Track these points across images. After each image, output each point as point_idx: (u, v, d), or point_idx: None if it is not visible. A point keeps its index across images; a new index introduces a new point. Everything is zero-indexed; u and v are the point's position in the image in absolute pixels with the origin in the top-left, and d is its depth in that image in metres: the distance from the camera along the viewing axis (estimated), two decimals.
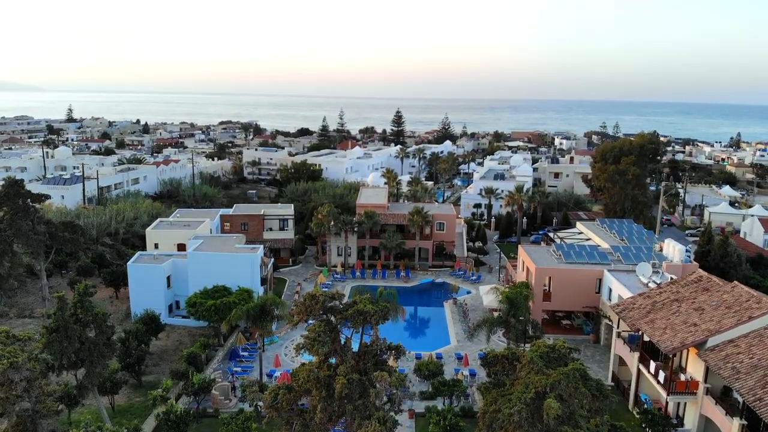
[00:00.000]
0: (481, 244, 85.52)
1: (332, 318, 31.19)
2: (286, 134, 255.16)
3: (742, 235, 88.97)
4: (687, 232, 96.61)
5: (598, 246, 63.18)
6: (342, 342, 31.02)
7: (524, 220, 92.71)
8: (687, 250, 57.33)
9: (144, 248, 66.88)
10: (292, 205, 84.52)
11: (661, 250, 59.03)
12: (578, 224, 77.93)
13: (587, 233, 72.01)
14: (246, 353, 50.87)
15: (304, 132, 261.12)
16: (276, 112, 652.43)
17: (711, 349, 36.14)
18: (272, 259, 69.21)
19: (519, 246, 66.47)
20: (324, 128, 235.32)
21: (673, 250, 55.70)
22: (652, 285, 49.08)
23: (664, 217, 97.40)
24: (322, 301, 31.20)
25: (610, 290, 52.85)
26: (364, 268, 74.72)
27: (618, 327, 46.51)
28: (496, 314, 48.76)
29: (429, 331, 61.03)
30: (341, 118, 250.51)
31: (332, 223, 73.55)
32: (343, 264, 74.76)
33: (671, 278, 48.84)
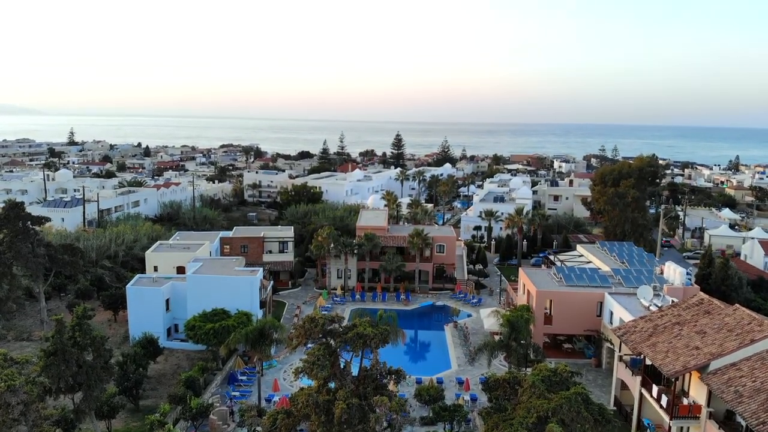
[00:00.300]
0: (481, 267, 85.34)
1: (332, 341, 31.02)
2: (287, 157, 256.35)
3: (742, 257, 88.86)
4: (684, 254, 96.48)
5: (599, 269, 63.03)
6: (341, 366, 30.81)
7: (524, 242, 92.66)
8: (688, 273, 57.18)
9: (143, 271, 66.72)
10: (292, 227, 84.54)
11: (661, 272, 58.85)
12: (578, 247, 77.88)
13: (588, 256, 71.89)
14: (244, 377, 50.42)
15: (304, 155, 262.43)
16: (277, 135, 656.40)
17: (713, 373, 35.82)
18: (271, 282, 68.97)
19: (519, 269, 66.31)
20: (324, 151, 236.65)
21: (674, 273, 55.55)
22: (653, 308, 48.84)
23: (664, 239, 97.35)
24: (322, 324, 31.06)
25: (612, 313, 52.59)
26: (364, 290, 74.45)
27: (620, 351, 46.16)
28: (497, 338, 48.47)
29: (429, 355, 60.56)
30: (341, 141, 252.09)
31: (332, 245, 73.51)
32: (343, 287, 74.51)
33: (672, 301, 48.61)
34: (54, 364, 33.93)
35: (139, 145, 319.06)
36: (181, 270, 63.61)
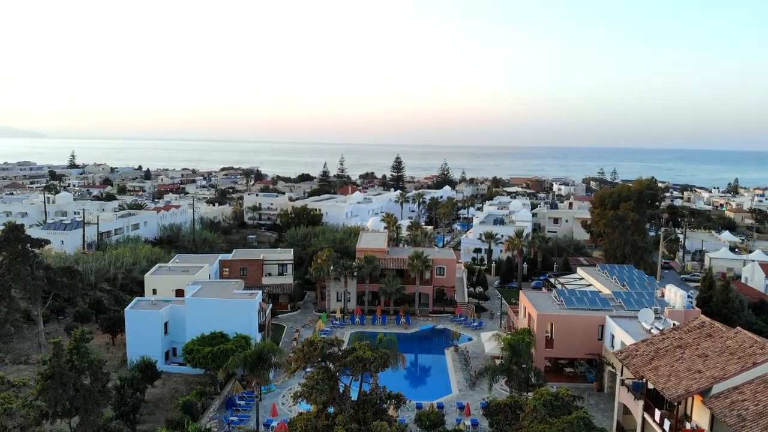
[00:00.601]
0: (482, 290, 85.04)
1: (331, 365, 30.80)
2: (287, 180, 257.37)
3: (743, 280, 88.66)
4: (682, 276, 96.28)
5: (600, 292, 62.83)
6: (341, 390, 30.55)
7: (525, 265, 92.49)
8: (689, 296, 56.98)
9: (142, 294, 66.47)
10: (292, 249, 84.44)
11: (662, 295, 58.66)
12: (579, 270, 77.74)
13: (588, 279, 71.72)
14: (243, 402, 49.91)
15: (304, 177, 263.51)
16: (277, 158, 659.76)
17: (716, 397, 35.50)
18: (270, 305, 68.66)
19: (520, 292, 66.08)
20: (325, 174, 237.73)
21: (675, 295, 55.37)
22: (654, 331, 48.57)
23: (663, 261, 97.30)
24: (321, 347, 30.89)
25: (613, 337, 52.29)
26: (363, 313, 74.09)
27: (621, 374, 45.80)
28: (498, 362, 48.08)
29: (430, 379, 60.03)
30: (342, 164, 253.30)
31: (332, 267, 73.35)
32: (342, 310, 74.16)
33: (674, 324, 48.38)
34: (51, 388, 33.64)
35: (140, 168, 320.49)
36: (180, 293, 63.38)
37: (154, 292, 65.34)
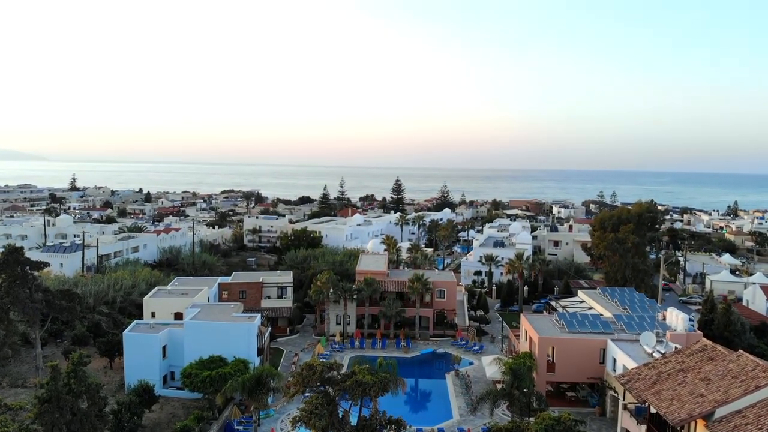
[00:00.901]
0: (482, 313, 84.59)
1: (330, 390, 30.54)
2: (288, 202, 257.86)
3: (744, 303, 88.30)
4: (680, 299, 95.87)
5: (601, 315, 62.53)
6: (340, 415, 30.23)
7: (525, 288, 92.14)
8: (690, 319, 56.70)
9: (141, 317, 66.12)
10: (291, 272, 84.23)
11: (664, 318, 58.37)
12: (580, 293, 77.45)
13: (589, 302, 71.44)
14: (241, 427, 49.28)
15: (305, 200, 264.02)
16: (278, 181, 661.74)
17: (719, 421, 35.13)
18: (269, 329, 68.24)
19: (521, 315, 65.75)
20: (325, 196, 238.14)
21: (677, 318, 55.09)
22: (656, 355, 48.25)
23: (664, 283, 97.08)
24: (320, 371, 30.66)
25: (615, 360, 51.89)
26: (363, 337, 73.59)
27: (624, 399, 45.36)
28: (499, 386, 47.68)
29: (430, 404, 59.39)
30: (342, 187, 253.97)
31: (331, 290, 73.03)
32: (342, 333, 73.68)
33: (676, 348, 48.07)
34: (48, 412, 33.30)
35: (140, 190, 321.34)
36: (178, 316, 63.06)
37: (153, 315, 65.01)
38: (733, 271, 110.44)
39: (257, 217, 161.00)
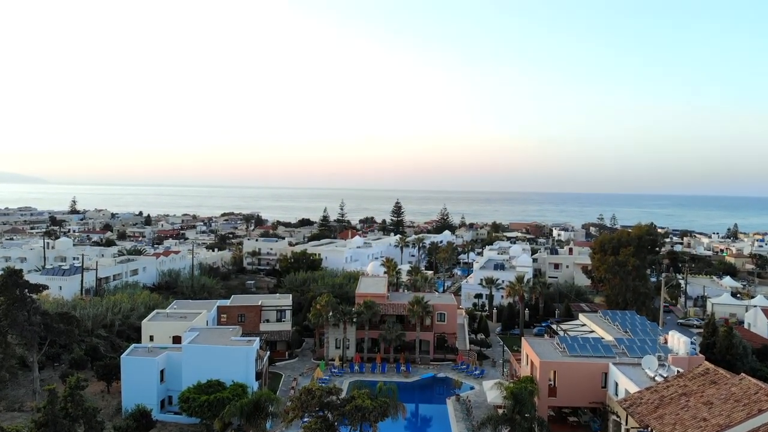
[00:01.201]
0: (483, 336, 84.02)
1: (329, 414, 30.21)
2: (287, 225, 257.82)
3: (746, 326, 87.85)
4: (678, 321, 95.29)
5: (602, 338, 62.14)
6: None
7: (526, 311, 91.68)
8: (692, 342, 56.36)
9: (139, 340, 65.68)
10: (290, 295, 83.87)
11: (665, 342, 58.03)
12: (581, 316, 77.08)
13: (590, 325, 71.04)
14: None
15: (305, 222, 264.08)
16: (278, 203, 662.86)
17: None
18: (268, 353, 67.72)
19: (522, 339, 65.31)
20: (325, 218, 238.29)
21: (678, 342, 54.78)
22: (658, 379, 47.84)
23: (665, 305, 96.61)
24: (319, 396, 30.38)
25: (617, 384, 51.41)
26: (363, 361, 72.96)
27: (626, 423, 44.87)
28: (500, 411, 47.16)
29: (430, 429, 58.75)
30: (342, 209, 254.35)
31: (330, 313, 72.59)
32: (341, 357, 73.07)
33: (678, 371, 47.69)
34: None
35: (141, 213, 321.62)
36: (177, 339, 62.65)
37: (152, 338, 64.57)
38: (734, 294, 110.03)
39: (257, 240, 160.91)
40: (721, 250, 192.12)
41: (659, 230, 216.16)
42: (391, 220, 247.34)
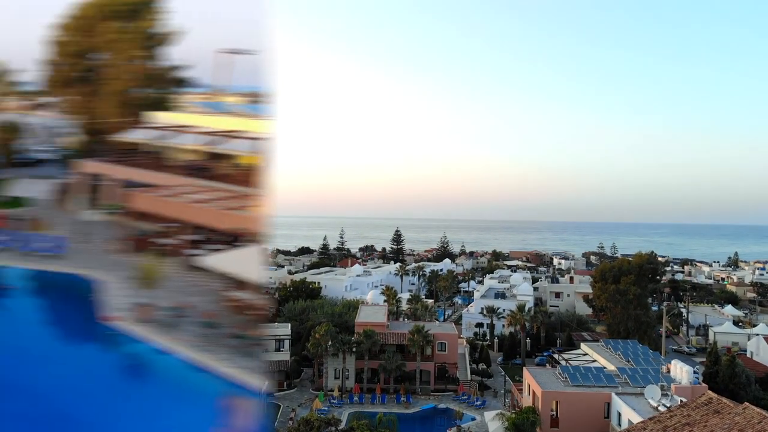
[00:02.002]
0: (484, 366, 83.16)
1: None
2: (287, 253, 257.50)
3: (748, 354, 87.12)
4: (672, 348, 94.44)
5: (604, 368, 61.58)
6: None
7: (528, 340, 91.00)
8: (695, 372, 55.88)
9: None
10: (289, 324, 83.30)
11: (668, 371, 57.51)
12: (582, 345, 76.52)
13: (592, 354, 70.49)
14: None
15: (304, 251, 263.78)
16: (277, 231, 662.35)
17: None
18: (266, 383, 66.96)
19: (524, 368, 64.71)
20: (324, 247, 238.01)
21: (681, 371, 54.30)
22: (662, 408, 47.23)
23: (668, 331, 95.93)
24: (317, 427, 30.00)
25: (620, 415, 50.78)
26: (362, 392, 72.10)
27: None
28: None
29: None
30: (342, 237, 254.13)
31: (330, 342, 72.01)
32: (340, 388, 72.24)
33: (681, 401, 47.11)
34: None
35: None
36: None
37: None
38: (736, 323, 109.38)
39: None
40: (722, 279, 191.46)
41: (660, 259, 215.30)
42: (391, 248, 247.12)
